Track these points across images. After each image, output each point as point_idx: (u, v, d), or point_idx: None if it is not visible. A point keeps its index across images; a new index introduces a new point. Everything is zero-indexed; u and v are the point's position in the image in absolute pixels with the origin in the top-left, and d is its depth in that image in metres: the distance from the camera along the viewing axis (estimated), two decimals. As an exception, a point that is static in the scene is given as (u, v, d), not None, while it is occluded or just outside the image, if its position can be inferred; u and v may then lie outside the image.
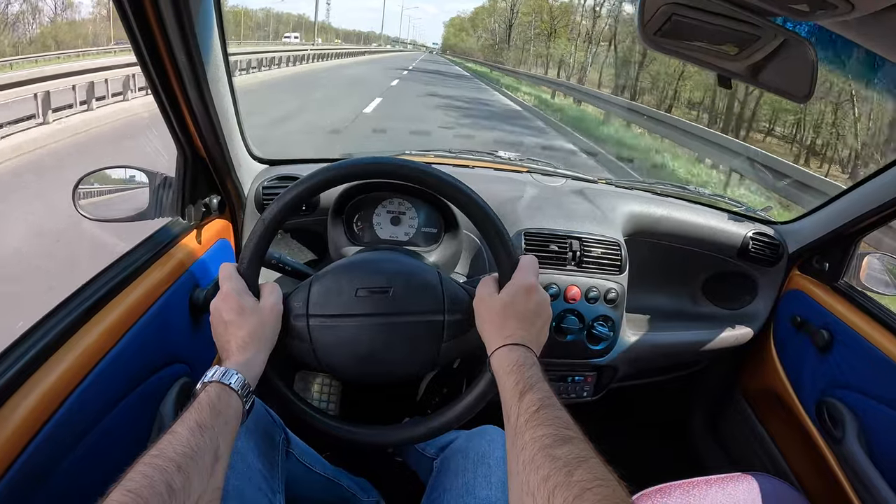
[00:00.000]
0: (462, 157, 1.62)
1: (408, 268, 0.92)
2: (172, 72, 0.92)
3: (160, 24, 0.84)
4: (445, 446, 1.08)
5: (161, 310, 0.96)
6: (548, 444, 0.58)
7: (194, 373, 1.06)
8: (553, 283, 1.27)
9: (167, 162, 1.12)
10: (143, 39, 0.85)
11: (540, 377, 0.70)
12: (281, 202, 0.83)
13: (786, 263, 1.49)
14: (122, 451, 0.83)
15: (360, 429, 0.89)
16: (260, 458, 0.89)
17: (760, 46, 0.78)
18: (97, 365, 0.79)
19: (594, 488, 0.51)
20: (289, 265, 1.06)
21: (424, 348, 0.87)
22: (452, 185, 0.84)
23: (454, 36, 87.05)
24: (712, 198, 1.61)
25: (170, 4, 0.82)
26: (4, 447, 0.64)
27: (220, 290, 0.83)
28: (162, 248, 1.03)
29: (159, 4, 0.81)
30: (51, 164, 5.86)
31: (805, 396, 1.38)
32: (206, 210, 1.16)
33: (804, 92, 0.81)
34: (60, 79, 7.24)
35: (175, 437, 0.59)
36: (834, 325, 1.31)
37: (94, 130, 7.39)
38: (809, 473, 1.38)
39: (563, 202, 1.43)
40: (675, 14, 0.72)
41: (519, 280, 0.82)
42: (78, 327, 0.80)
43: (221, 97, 1.06)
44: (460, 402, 0.87)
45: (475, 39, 69.82)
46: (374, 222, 1.33)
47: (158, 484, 0.53)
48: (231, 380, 0.71)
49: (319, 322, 0.85)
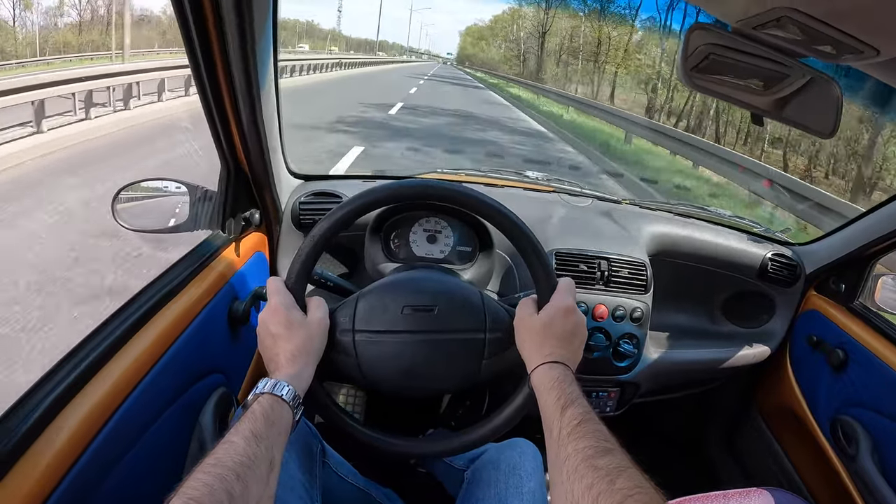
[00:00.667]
0: (492, 177, 1.65)
1: (451, 287, 0.95)
2: (226, 86, 0.94)
3: (220, 38, 0.86)
4: (475, 458, 1.11)
5: (202, 322, 0.98)
6: (590, 454, 0.61)
7: (230, 382, 1.09)
8: (582, 302, 1.31)
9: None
10: (201, 50, 0.87)
11: (579, 393, 0.73)
12: (331, 220, 0.86)
13: (803, 284, 1.52)
14: (166, 462, 0.85)
15: (399, 440, 0.92)
16: (300, 469, 0.92)
17: (788, 83, 0.81)
18: (144, 378, 0.81)
19: (635, 495, 0.55)
20: (331, 281, 1.08)
21: (465, 365, 0.90)
22: (497, 209, 0.88)
23: (472, 45, 77.06)
24: (732, 219, 1.64)
25: (233, 16, 0.83)
26: (56, 460, 0.66)
27: (269, 304, 0.84)
28: (203, 261, 1.06)
29: (222, 15, 0.83)
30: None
31: (820, 414, 1.40)
32: (246, 223, 1.18)
33: (829, 129, 0.84)
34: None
35: (232, 447, 0.61)
36: (849, 344, 1.34)
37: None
38: (823, 489, 1.40)
39: (591, 223, 1.47)
40: (713, 53, 0.75)
41: (558, 302, 0.85)
42: (126, 340, 0.82)
43: (270, 112, 1.09)
44: (499, 417, 0.90)
45: (496, 49, 60.90)
46: (411, 240, 1.36)
47: (219, 492, 0.55)
48: (283, 391, 0.73)
49: (365, 337, 0.88)
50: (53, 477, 0.65)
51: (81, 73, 7.83)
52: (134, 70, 9.09)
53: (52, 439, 0.67)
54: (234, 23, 0.84)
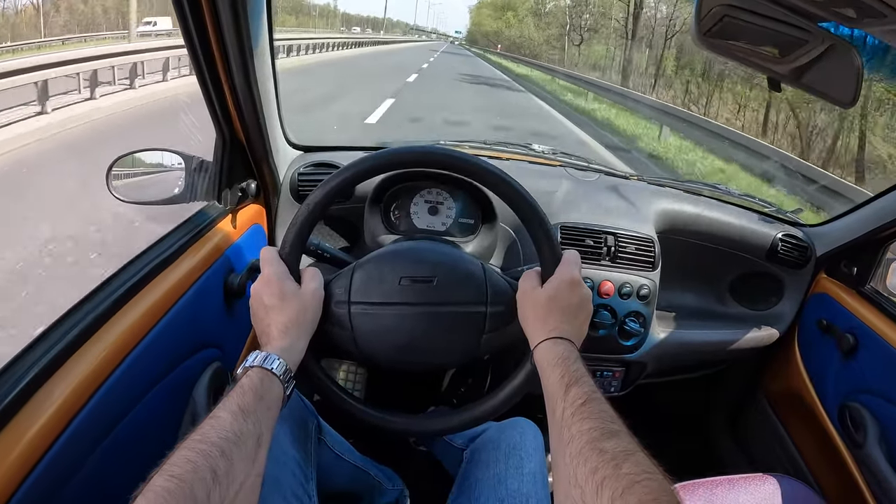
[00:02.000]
0: (497, 149, 1.62)
1: (452, 258, 0.92)
2: (219, 54, 0.92)
3: (212, 5, 0.84)
4: (475, 437, 1.09)
5: (196, 294, 0.96)
6: (595, 437, 0.59)
7: (226, 357, 1.07)
8: (587, 278, 1.28)
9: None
10: (193, 21, 0.85)
11: (584, 371, 0.70)
12: (326, 187, 0.83)
13: (813, 266, 1.49)
14: (157, 436, 0.83)
15: (397, 417, 0.89)
16: (294, 445, 0.90)
17: (807, 50, 0.78)
18: (133, 349, 0.80)
19: (642, 481, 0.52)
20: (327, 252, 1.06)
21: (465, 339, 0.87)
22: (501, 178, 0.85)
23: (493, 19, 58.89)
24: (742, 198, 1.60)
25: None
26: (41, 433, 0.64)
27: (262, 275, 0.82)
28: (198, 231, 1.04)
29: None
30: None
31: (828, 400, 1.38)
32: (243, 195, 1.16)
33: (849, 98, 0.81)
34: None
35: (218, 422, 0.59)
36: (859, 329, 1.31)
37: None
38: (829, 477, 1.38)
39: (598, 197, 1.43)
40: (728, 15, 0.72)
41: (563, 274, 0.82)
42: (114, 311, 0.80)
43: (265, 81, 1.06)
44: (499, 394, 0.87)
45: (535, 24, 43.66)
46: (412, 211, 1.34)
47: (202, 469, 0.53)
48: (273, 365, 0.71)
49: (361, 309, 0.85)
50: (38, 449, 0.64)
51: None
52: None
53: (37, 410, 0.65)
54: None
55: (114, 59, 8.53)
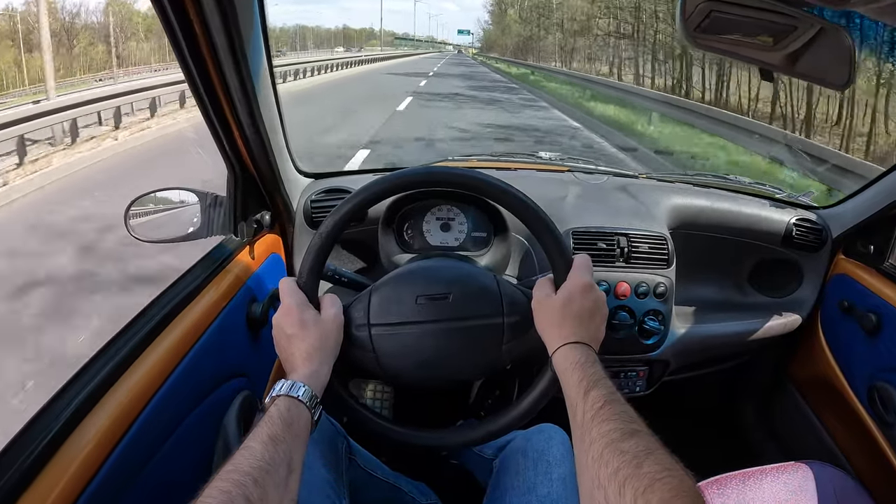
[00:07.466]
0: (504, 161, 1.64)
1: (465, 273, 0.94)
2: (222, 91, 0.95)
3: (210, 45, 0.86)
4: (504, 446, 1.10)
5: (221, 325, 0.98)
6: (615, 438, 0.60)
7: (254, 385, 1.09)
8: (603, 281, 1.28)
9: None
10: (192, 61, 0.87)
11: (602, 374, 0.71)
12: (337, 215, 0.85)
13: (830, 248, 1.47)
14: (190, 466, 0.86)
15: (423, 433, 0.91)
16: (326, 467, 0.92)
17: (797, 36, 0.79)
18: (164, 384, 0.82)
19: (663, 479, 0.53)
20: (345, 276, 1.08)
21: (485, 351, 0.88)
22: (504, 190, 0.86)
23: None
24: (753, 186, 1.60)
25: (219, 23, 0.83)
26: (77, 473, 0.66)
27: (282, 305, 0.84)
28: (218, 265, 1.06)
29: (208, 24, 0.83)
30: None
31: (856, 381, 1.37)
32: (258, 226, 1.19)
33: (843, 80, 0.81)
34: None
35: (249, 452, 0.61)
36: (882, 307, 1.30)
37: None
38: (863, 459, 1.36)
39: (608, 199, 1.44)
40: (714, 10, 0.73)
41: (575, 280, 0.83)
42: (144, 348, 0.83)
43: (270, 114, 1.09)
44: (522, 403, 0.88)
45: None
46: (425, 230, 1.35)
47: (237, 498, 0.54)
48: (299, 392, 0.73)
49: (381, 331, 0.87)
50: (79, 484, 0.66)
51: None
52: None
53: (73, 450, 0.67)
54: (220, 25, 0.84)
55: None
